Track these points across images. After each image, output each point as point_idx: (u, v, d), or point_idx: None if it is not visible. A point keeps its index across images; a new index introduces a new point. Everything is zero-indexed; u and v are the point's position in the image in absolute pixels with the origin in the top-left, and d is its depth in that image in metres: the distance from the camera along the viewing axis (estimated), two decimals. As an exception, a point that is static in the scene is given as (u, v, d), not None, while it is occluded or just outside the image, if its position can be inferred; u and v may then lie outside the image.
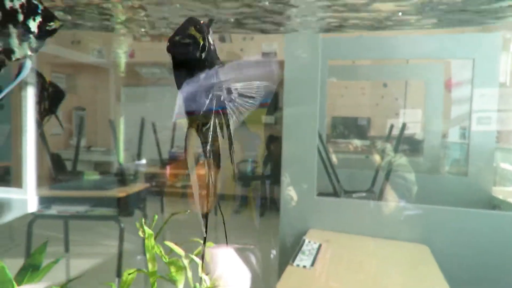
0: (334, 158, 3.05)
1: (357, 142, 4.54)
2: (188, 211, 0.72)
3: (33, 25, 0.59)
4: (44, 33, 0.60)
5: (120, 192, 2.53)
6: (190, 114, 0.61)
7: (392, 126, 2.70)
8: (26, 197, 2.13)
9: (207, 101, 0.59)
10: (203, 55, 0.54)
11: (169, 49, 0.53)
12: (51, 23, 0.61)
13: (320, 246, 1.49)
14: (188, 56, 0.54)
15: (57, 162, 3.47)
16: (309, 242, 1.51)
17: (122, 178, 2.70)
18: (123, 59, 4.55)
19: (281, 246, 1.77)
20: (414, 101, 4.51)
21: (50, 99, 0.88)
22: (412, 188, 2.27)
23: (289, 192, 1.76)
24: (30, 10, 0.58)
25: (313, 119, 1.75)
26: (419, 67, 3.54)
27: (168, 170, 3.74)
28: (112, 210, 2.49)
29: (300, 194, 1.73)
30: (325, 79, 2.62)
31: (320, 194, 1.90)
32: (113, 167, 4.50)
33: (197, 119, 0.61)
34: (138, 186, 2.72)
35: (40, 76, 0.90)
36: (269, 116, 5.02)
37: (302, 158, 1.77)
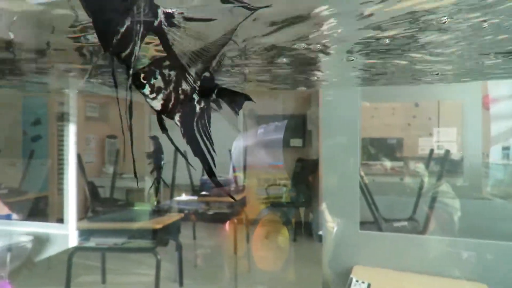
0: (366, 180, 2.97)
1: (389, 164, 4.42)
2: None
3: None
4: None
5: (156, 223, 2.54)
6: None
7: (432, 151, 2.61)
8: (68, 232, 2.18)
9: None
10: None
11: None
12: None
13: (369, 286, 1.42)
14: None
15: (92, 191, 3.56)
16: (357, 281, 1.45)
17: (157, 209, 2.73)
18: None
19: (325, 283, 1.70)
20: (449, 119, 4.37)
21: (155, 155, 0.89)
22: (458, 216, 2.16)
23: (331, 227, 1.70)
24: None
25: (354, 152, 1.71)
26: (453, 86, 3.43)
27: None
28: (149, 242, 2.49)
29: (343, 229, 1.67)
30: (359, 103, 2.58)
31: (360, 223, 1.83)
32: (144, 194, 4.57)
33: None
34: (173, 216, 2.72)
35: (154, 137, 0.91)
36: (297, 139, 4.98)
37: (344, 191, 1.72)
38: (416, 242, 1.64)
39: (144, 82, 0.68)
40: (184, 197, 3.43)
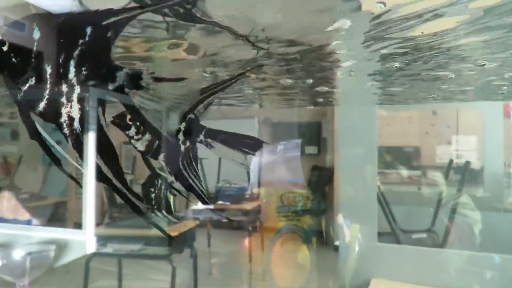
0: (383, 189, 2.92)
1: (406, 173, 4.35)
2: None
3: None
4: None
5: (172, 230, 2.55)
6: None
7: (451, 161, 2.55)
8: (86, 238, 2.21)
9: None
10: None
11: None
12: None
13: (387, 300, 1.40)
14: None
15: (110, 196, 3.61)
16: (375, 295, 1.42)
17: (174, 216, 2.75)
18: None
19: (342, 295, 1.68)
20: (468, 127, 4.28)
21: None
22: (479, 229, 2.10)
23: (348, 238, 1.68)
24: None
25: (372, 161, 1.69)
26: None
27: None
28: (165, 249, 2.51)
29: (360, 241, 1.65)
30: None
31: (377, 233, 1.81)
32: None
33: None
34: (189, 224, 2.74)
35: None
36: (312, 147, 4.95)
37: (361, 201, 1.70)
38: (436, 256, 1.61)
39: (130, 123, 0.68)
40: (200, 205, 3.45)
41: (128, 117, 0.67)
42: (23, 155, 4.14)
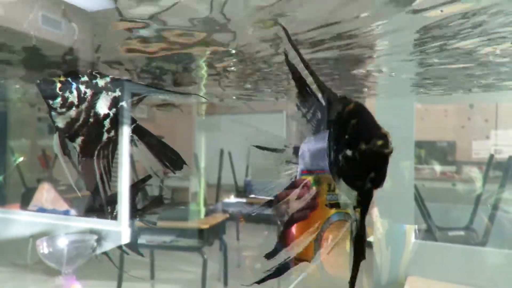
0: (416, 184, 2.83)
1: (441, 168, 4.20)
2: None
3: None
4: None
5: (203, 223, 2.59)
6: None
7: (492, 157, 2.43)
8: (121, 229, 2.28)
9: None
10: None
11: None
12: None
13: (426, 298, 1.35)
14: None
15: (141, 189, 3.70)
16: (413, 293, 1.38)
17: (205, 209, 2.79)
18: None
19: (377, 292, 1.64)
20: (508, 121, 4.07)
21: None
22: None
23: (384, 235, 1.64)
24: None
25: (409, 155, 1.64)
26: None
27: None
28: (196, 241, 2.55)
29: (396, 237, 1.61)
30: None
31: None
32: (190, 194, 4.69)
33: None
34: (220, 217, 2.76)
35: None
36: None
37: (397, 197, 1.65)
38: (476, 254, 1.54)
39: (59, 93, 0.58)
40: (232, 199, 3.48)
41: (59, 85, 0.58)
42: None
